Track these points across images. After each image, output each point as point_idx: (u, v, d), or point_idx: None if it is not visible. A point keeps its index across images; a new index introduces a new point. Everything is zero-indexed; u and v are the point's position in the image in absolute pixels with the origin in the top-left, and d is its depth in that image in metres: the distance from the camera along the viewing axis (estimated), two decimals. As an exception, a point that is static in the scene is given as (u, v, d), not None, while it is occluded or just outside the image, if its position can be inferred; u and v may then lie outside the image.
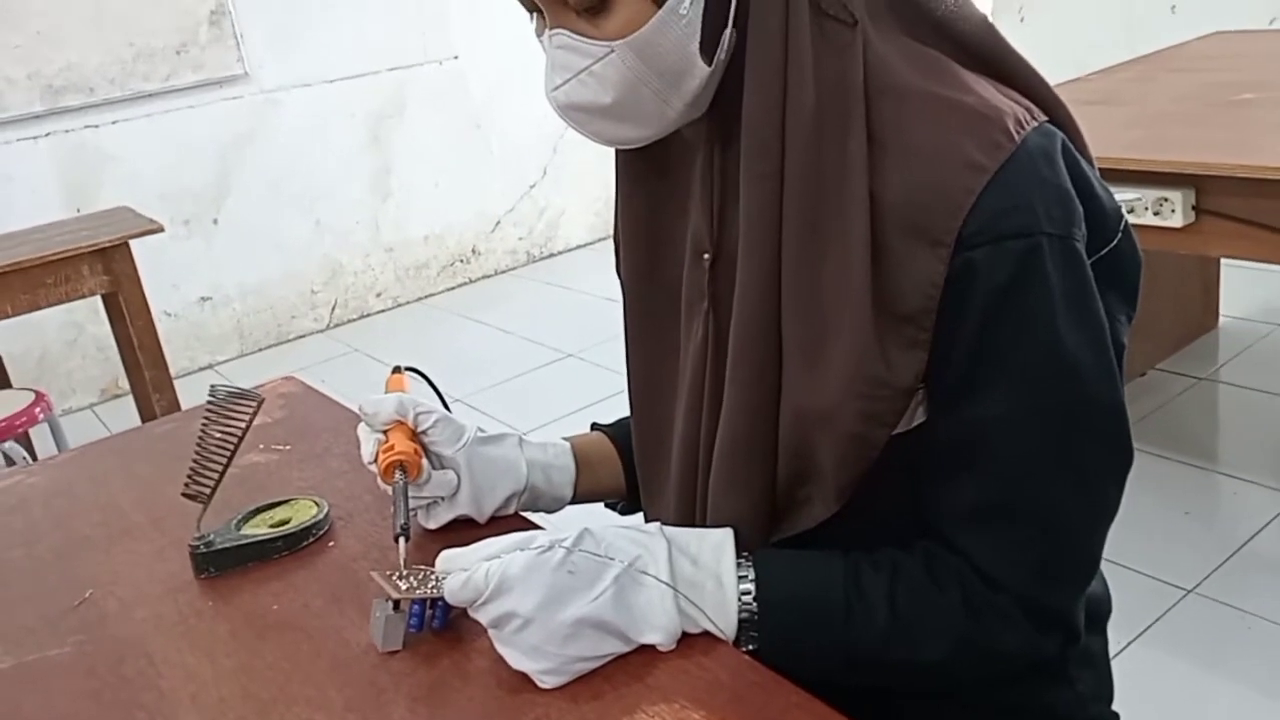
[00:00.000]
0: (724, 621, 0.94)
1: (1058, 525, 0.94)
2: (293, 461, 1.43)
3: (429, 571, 0.99)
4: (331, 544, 1.21)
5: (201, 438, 1.18)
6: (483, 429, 1.19)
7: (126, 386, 4.06)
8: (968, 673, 0.98)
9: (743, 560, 0.96)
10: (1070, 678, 1.08)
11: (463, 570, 0.92)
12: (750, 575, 0.95)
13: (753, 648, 0.95)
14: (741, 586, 0.95)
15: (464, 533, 1.15)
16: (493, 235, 6.03)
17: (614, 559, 0.92)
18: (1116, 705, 1.15)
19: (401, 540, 1.04)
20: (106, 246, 3.46)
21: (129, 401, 4.04)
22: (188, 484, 1.17)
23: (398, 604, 0.98)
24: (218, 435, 1.17)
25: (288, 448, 1.47)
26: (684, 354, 1.07)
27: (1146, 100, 2.92)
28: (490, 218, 6.00)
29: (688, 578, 0.94)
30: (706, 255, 1.02)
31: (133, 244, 3.54)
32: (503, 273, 6.09)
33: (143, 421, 3.58)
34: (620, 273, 1.15)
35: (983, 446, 0.92)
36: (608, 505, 1.31)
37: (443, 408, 1.17)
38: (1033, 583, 0.95)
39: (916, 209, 0.87)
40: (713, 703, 0.87)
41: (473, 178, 5.88)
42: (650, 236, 1.09)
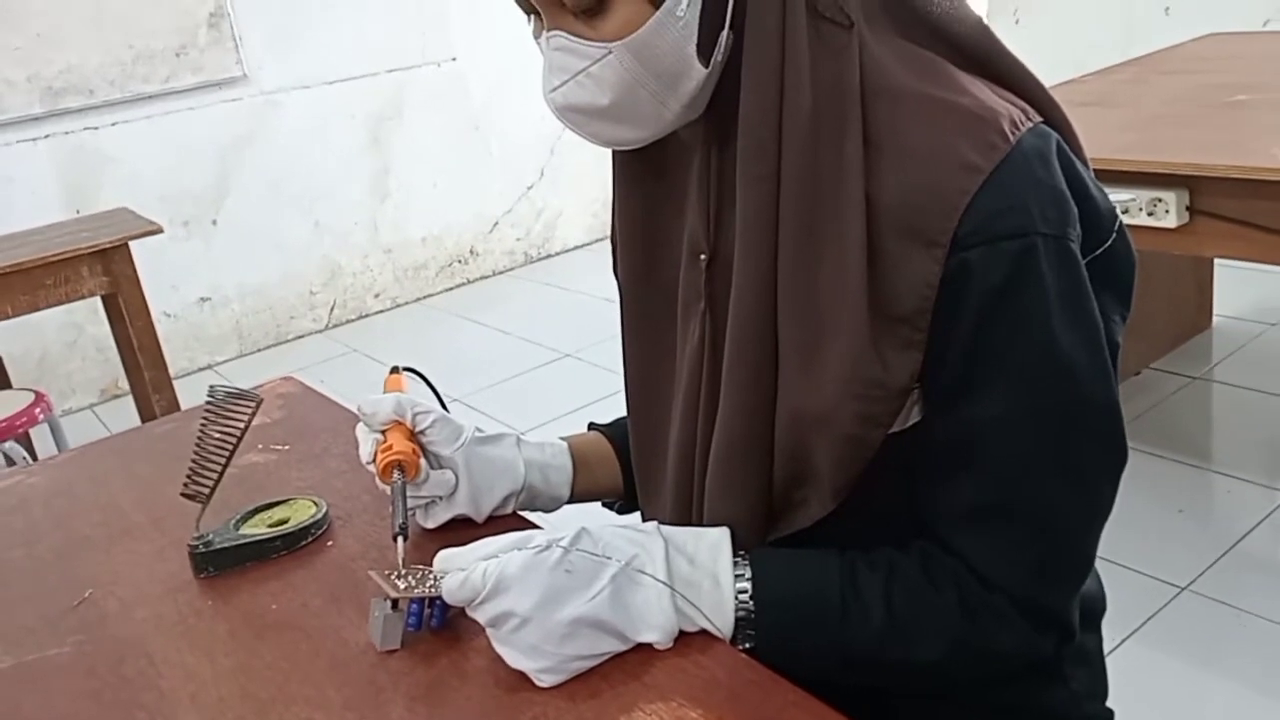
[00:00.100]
0: (721, 620, 0.94)
1: (1054, 525, 0.95)
2: (291, 461, 1.43)
3: (427, 571, 0.99)
4: (330, 543, 1.21)
5: (200, 438, 1.18)
6: (480, 429, 1.19)
7: (126, 387, 4.06)
8: (964, 672, 0.98)
9: (739, 559, 0.96)
10: (1065, 676, 1.08)
11: (460, 570, 0.93)
12: (747, 574, 0.95)
13: (749, 646, 0.95)
14: (738, 585, 0.95)
15: (462, 532, 1.15)
16: (491, 236, 6.03)
17: (611, 558, 0.93)
18: (1111, 702, 1.15)
19: (400, 540, 1.04)
20: (106, 248, 3.46)
21: (129, 402, 4.04)
22: (187, 484, 1.17)
23: (396, 603, 0.99)
24: (217, 435, 1.18)
25: (286, 448, 1.47)
26: (680, 355, 1.08)
27: (1141, 102, 2.92)
28: (488, 219, 6.00)
29: (685, 577, 0.94)
30: (703, 256, 1.02)
31: (132, 245, 3.54)
32: (501, 273, 6.08)
33: (142, 422, 3.58)
34: (617, 273, 1.15)
35: (979, 447, 0.92)
36: (605, 505, 1.31)
37: (441, 408, 1.17)
38: (1029, 582, 0.95)
39: (912, 210, 0.87)
40: (710, 701, 0.88)
41: (471, 179, 5.88)
42: (647, 237, 1.10)
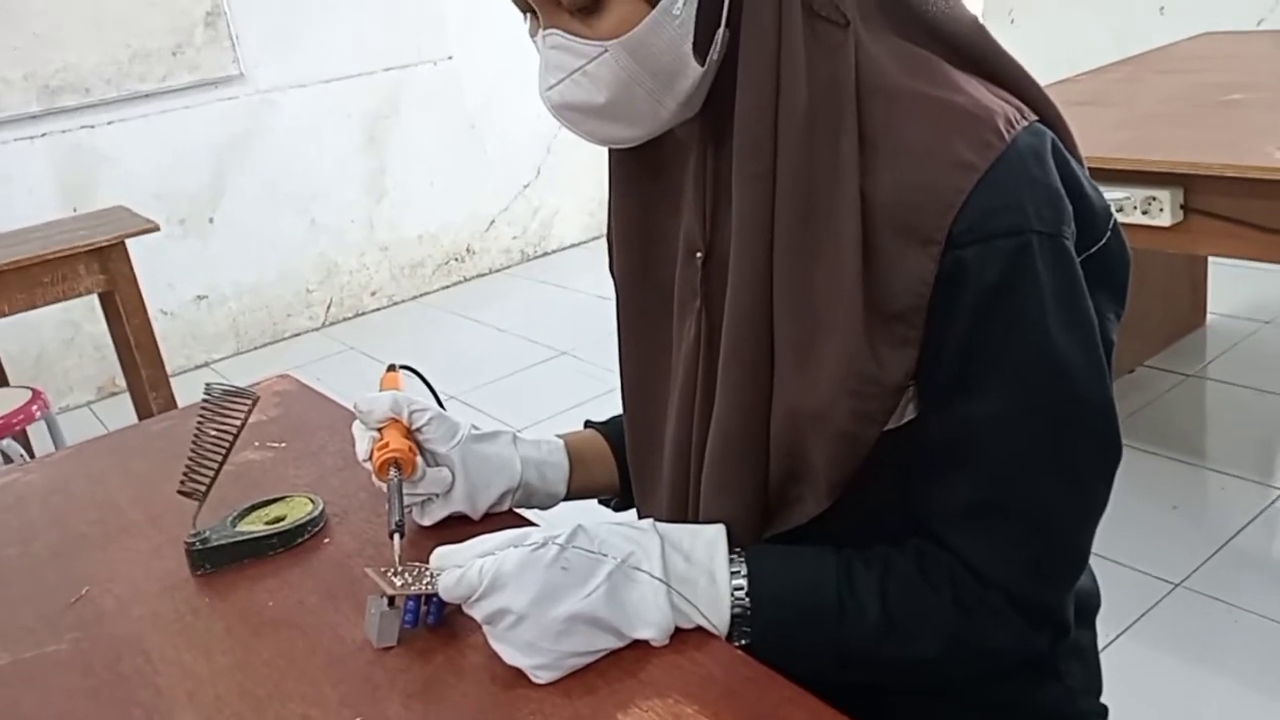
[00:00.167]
0: (717, 617, 0.94)
1: (1049, 523, 0.95)
2: (288, 459, 1.43)
3: (424, 568, 0.99)
4: (327, 541, 1.21)
5: (197, 435, 1.18)
6: (477, 426, 1.19)
7: (123, 384, 4.06)
8: (959, 669, 0.99)
9: (735, 556, 0.97)
10: (1059, 672, 1.09)
11: (457, 567, 0.93)
12: (743, 571, 0.96)
13: (745, 643, 0.95)
14: (734, 582, 0.95)
15: (458, 529, 1.15)
16: (487, 234, 6.04)
17: (607, 555, 0.93)
18: (1105, 698, 1.16)
19: (396, 537, 1.04)
20: (103, 246, 3.46)
21: (126, 399, 4.04)
22: (183, 481, 1.18)
23: (393, 600, 0.99)
24: (213, 433, 1.18)
25: (283, 445, 1.48)
26: (676, 353, 1.08)
27: (1136, 100, 2.93)
28: (485, 217, 6.00)
29: (681, 574, 0.95)
30: (699, 254, 1.02)
31: (129, 243, 3.54)
32: (497, 271, 6.09)
33: (139, 419, 3.58)
34: (613, 272, 1.15)
35: (974, 445, 0.93)
36: (601, 502, 1.32)
37: (437, 405, 1.18)
38: (1025, 580, 0.95)
39: (907, 209, 0.87)
40: (705, 697, 0.88)
41: (467, 177, 5.88)
42: (643, 236, 1.10)
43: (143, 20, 4.76)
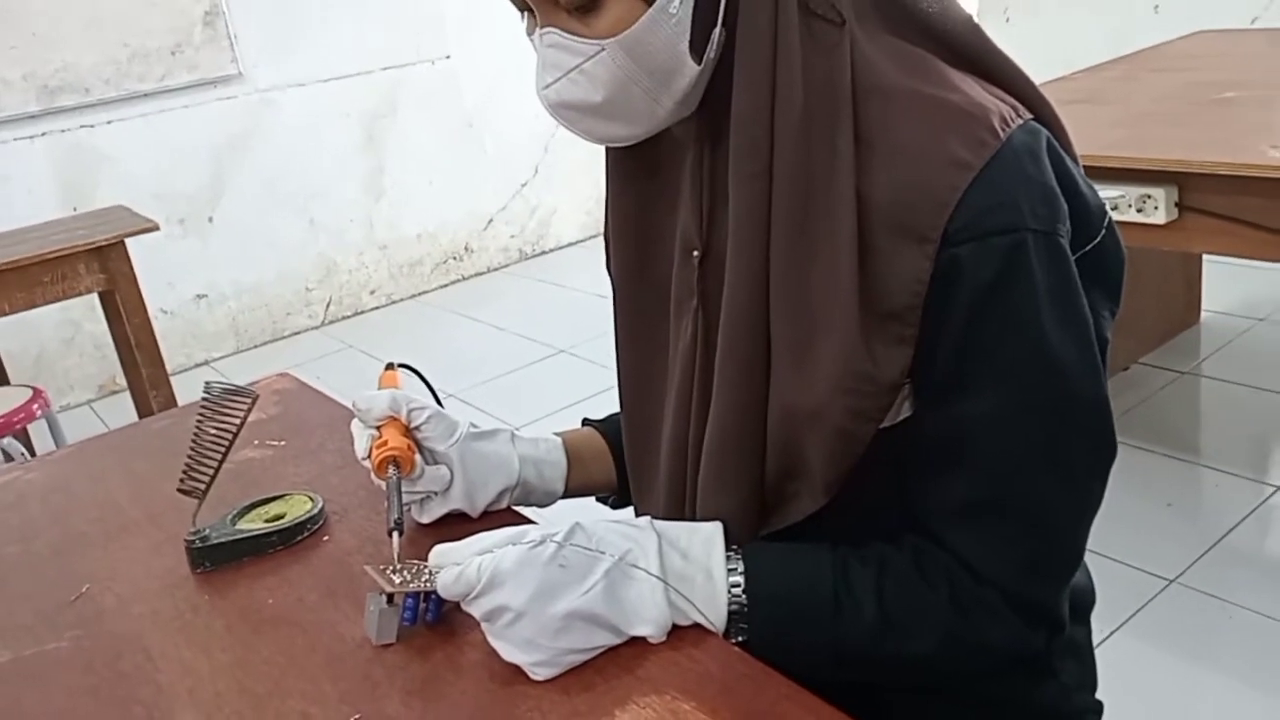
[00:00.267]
0: (714, 614, 0.95)
1: (1045, 521, 0.95)
2: (287, 457, 1.44)
3: (422, 566, 0.99)
4: (326, 538, 1.22)
5: (197, 434, 1.18)
6: (475, 424, 1.19)
7: (124, 383, 4.06)
8: (955, 667, 0.99)
9: (732, 554, 0.97)
10: (1055, 669, 1.09)
11: (455, 565, 0.93)
12: (740, 569, 0.96)
13: (742, 640, 0.96)
14: (731, 580, 0.95)
15: (457, 527, 1.16)
16: (485, 233, 6.04)
17: (605, 553, 0.93)
18: (1100, 694, 1.16)
19: (395, 535, 1.04)
20: (103, 245, 3.46)
21: (126, 398, 4.04)
22: (183, 479, 1.18)
23: (391, 598, 0.99)
24: (213, 431, 1.18)
25: (282, 443, 1.48)
26: (673, 351, 1.08)
27: (1130, 99, 2.93)
28: (483, 216, 6.00)
29: (678, 571, 0.95)
30: (696, 253, 1.02)
31: (129, 242, 3.54)
32: (495, 270, 6.09)
33: (140, 418, 3.58)
34: (610, 270, 1.15)
35: (970, 443, 0.93)
36: (599, 499, 1.32)
37: (435, 403, 1.18)
38: (1020, 578, 0.95)
39: (903, 208, 0.87)
40: (703, 694, 0.88)
41: (465, 176, 5.88)
42: (640, 234, 1.10)
43: (141, 20, 4.76)
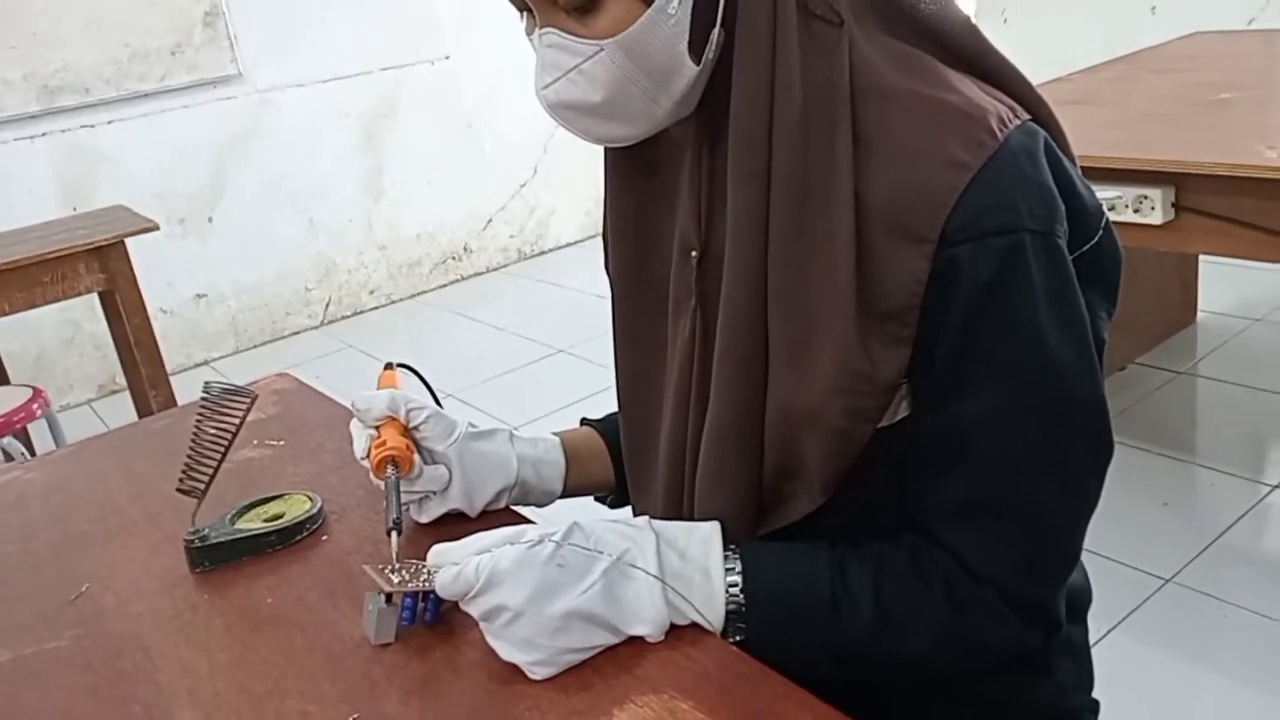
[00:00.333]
0: (711, 613, 0.95)
1: (1042, 521, 0.95)
2: (286, 457, 1.44)
3: (421, 565, 0.99)
4: (325, 538, 1.22)
5: (196, 434, 1.18)
6: (474, 424, 1.20)
7: (124, 382, 4.06)
8: (952, 665, 0.99)
9: (730, 553, 0.97)
10: (1051, 668, 1.09)
11: (454, 564, 0.93)
12: (737, 568, 0.96)
13: (740, 639, 0.96)
14: (729, 579, 0.96)
15: (455, 527, 1.16)
16: (484, 233, 6.04)
17: (603, 552, 0.93)
18: (1096, 693, 1.16)
19: (394, 534, 1.04)
20: (103, 245, 3.47)
21: (126, 397, 4.04)
22: (182, 479, 1.18)
23: (390, 597, 0.99)
24: (212, 431, 1.18)
25: (281, 443, 1.48)
26: (671, 351, 1.08)
27: (1127, 100, 2.94)
28: (482, 216, 6.01)
29: (676, 570, 0.95)
30: (694, 253, 1.03)
31: (128, 242, 3.54)
32: (494, 270, 6.09)
33: (140, 417, 3.59)
34: (609, 270, 1.16)
35: (968, 443, 0.93)
36: (597, 499, 1.32)
37: (434, 403, 1.18)
38: (1018, 577, 0.95)
39: (901, 208, 0.87)
40: (700, 693, 0.88)
41: (464, 177, 5.88)
42: (638, 234, 1.10)
43: (141, 20, 4.77)
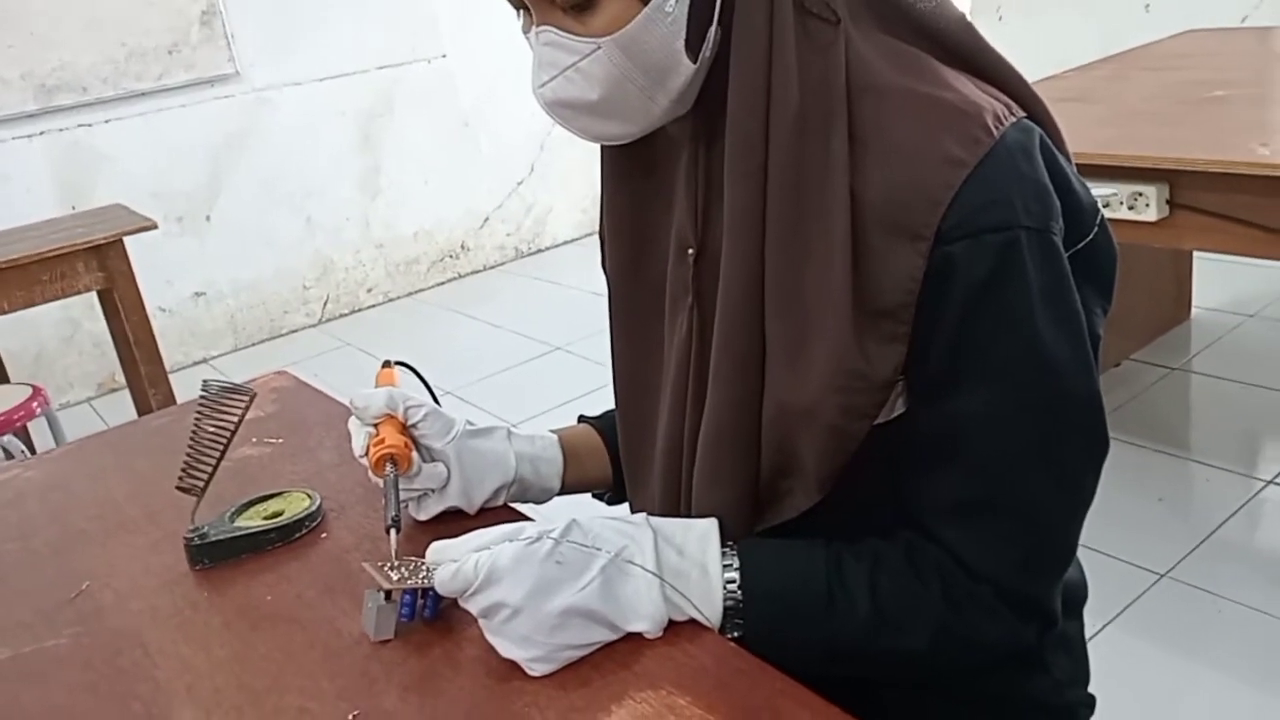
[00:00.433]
0: (709, 610, 0.95)
1: (1038, 518, 0.95)
2: (285, 454, 1.44)
3: (420, 562, 0.99)
4: (324, 535, 1.22)
5: (195, 432, 1.18)
6: (472, 422, 1.20)
7: (123, 381, 4.07)
8: (949, 662, 0.99)
9: (727, 550, 0.97)
10: (1046, 663, 1.09)
11: (453, 561, 0.93)
12: (735, 564, 0.96)
13: (737, 635, 0.96)
14: (726, 575, 0.96)
15: (454, 524, 1.16)
16: (481, 231, 6.04)
17: (601, 549, 0.93)
18: (1092, 688, 1.16)
19: (392, 532, 1.05)
20: (101, 244, 3.47)
21: (126, 395, 4.04)
22: (182, 477, 1.18)
23: (389, 594, 0.99)
24: (211, 429, 1.18)
25: (280, 441, 1.48)
26: (668, 348, 1.08)
27: (1122, 97, 2.94)
28: (479, 214, 6.01)
29: (673, 567, 0.95)
30: (691, 251, 1.03)
31: (127, 241, 3.54)
32: (491, 268, 6.10)
33: (139, 415, 3.59)
34: (605, 268, 1.16)
35: (963, 441, 0.93)
36: (595, 496, 1.32)
37: (432, 401, 1.18)
38: (1014, 574, 0.96)
39: (897, 206, 0.88)
40: (698, 689, 0.88)
41: (462, 175, 5.88)
42: (635, 232, 1.10)
43: (139, 19, 4.76)
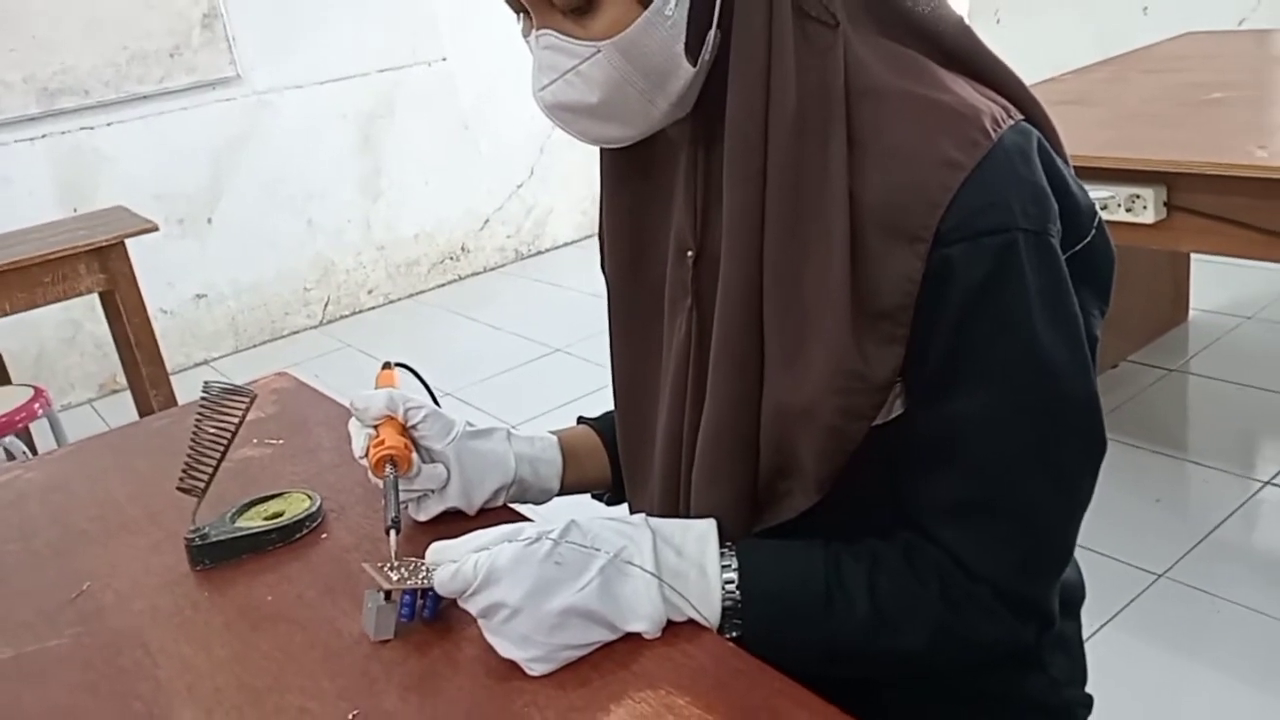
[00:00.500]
0: (708, 610, 0.95)
1: (1036, 520, 0.96)
2: (286, 455, 1.44)
3: (419, 563, 0.99)
4: (324, 536, 1.22)
5: (195, 433, 1.19)
6: (472, 423, 1.20)
7: (124, 382, 4.07)
8: (947, 661, 1.00)
9: (726, 550, 0.97)
10: (1044, 663, 1.10)
11: (452, 562, 0.94)
12: (733, 565, 0.96)
13: (736, 635, 0.96)
14: (725, 576, 0.96)
15: (453, 525, 1.16)
16: (481, 233, 6.05)
17: (600, 550, 0.93)
18: (1089, 687, 1.16)
19: (392, 533, 1.05)
20: (103, 246, 3.47)
21: (127, 397, 4.05)
22: (182, 478, 1.18)
23: (389, 595, 0.99)
24: (211, 430, 1.18)
25: (281, 442, 1.48)
26: (667, 350, 1.08)
27: (1119, 100, 2.94)
28: (479, 216, 6.01)
29: (672, 567, 0.95)
30: (690, 253, 1.03)
31: (128, 243, 3.55)
32: (491, 270, 6.10)
33: (140, 416, 3.59)
34: (605, 270, 1.16)
35: (961, 443, 0.93)
36: (594, 496, 1.32)
37: (432, 402, 1.18)
38: (1012, 575, 0.96)
39: (895, 208, 0.88)
40: (697, 689, 0.89)
41: (462, 177, 5.89)
42: (634, 234, 1.11)
43: (140, 22, 4.77)
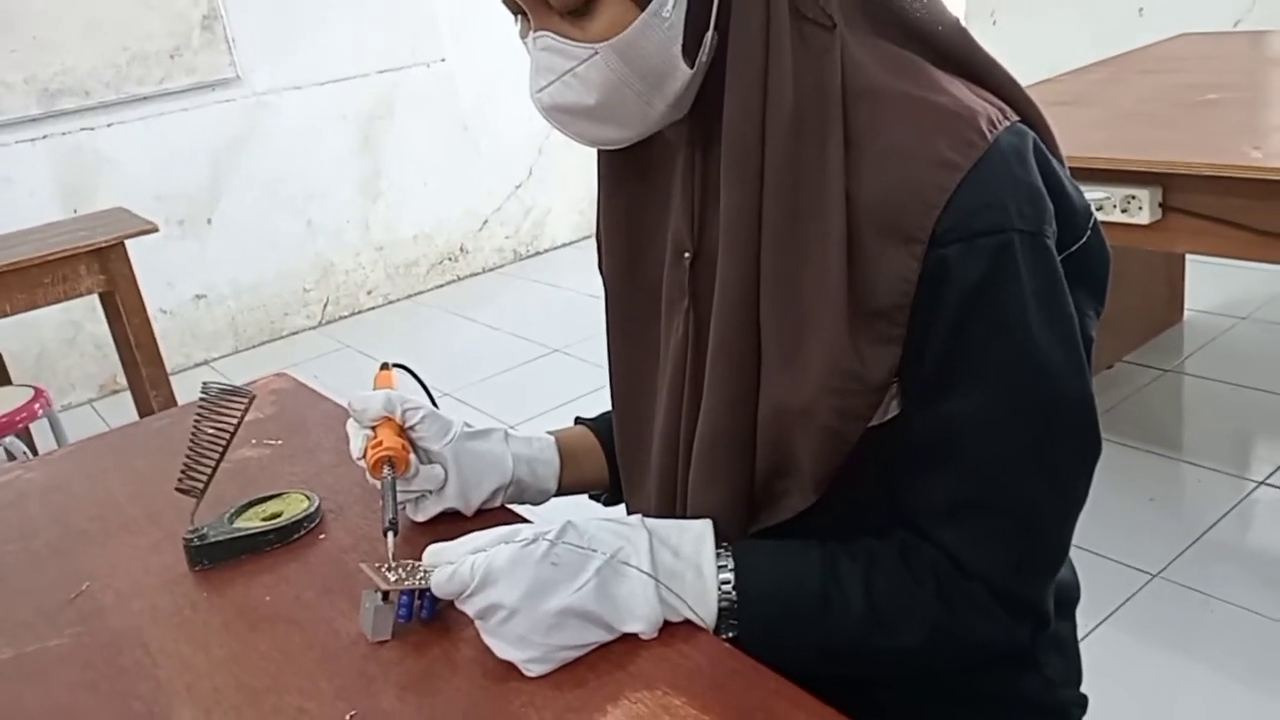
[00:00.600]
0: (704, 610, 0.95)
1: (1031, 519, 0.96)
2: (284, 456, 1.44)
3: (417, 564, 1.00)
4: (322, 536, 1.22)
5: (194, 433, 1.19)
6: (469, 424, 1.20)
7: (124, 382, 4.07)
8: (943, 661, 1.00)
9: (722, 551, 0.98)
10: (1039, 663, 1.10)
11: (449, 563, 0.94)
12: (730, 565, 0.97)
13: (733, 635, 0.96)
14: (721, 576, 0.96)
15: (451, 525, 1.16)
16: (480, 234, 6.05)
17: (596, 551, 0.94)
18: (1084, 687, 1.17)
19: (390, 534, 1.05)
20: (103, 246, 3.48)
21: (127, 397, 4.05)
22: (181, 479, 1.18)
23: (387, 595, 1.00)
24: (210, 431, 1.18)
25: (279, 442, 1.48)
26: (664, 350, 1.09)
27: (1115, 101, 2.94)
28: (478, 217, 6.02)
29: (669, 568, 0.96)
30: (687, 254, 1.03)
31: (128, 244, 3.55)
32: (490, 271, 6.11)
33: (141, 417, 3.59)
34: (602, 271, 1.16)
35: (957, 443, 0.93)
36: (591, 497, 1.32)
37: (430, 403, 1.18)
38: (1007, 574, 0.96)
39: (891, 209, 0.88)
40: (693, 689, 0.89)
41: (461, 178, 5.89)
42: (631, 235, 1.11)
43: (140, 23, 4.77)
